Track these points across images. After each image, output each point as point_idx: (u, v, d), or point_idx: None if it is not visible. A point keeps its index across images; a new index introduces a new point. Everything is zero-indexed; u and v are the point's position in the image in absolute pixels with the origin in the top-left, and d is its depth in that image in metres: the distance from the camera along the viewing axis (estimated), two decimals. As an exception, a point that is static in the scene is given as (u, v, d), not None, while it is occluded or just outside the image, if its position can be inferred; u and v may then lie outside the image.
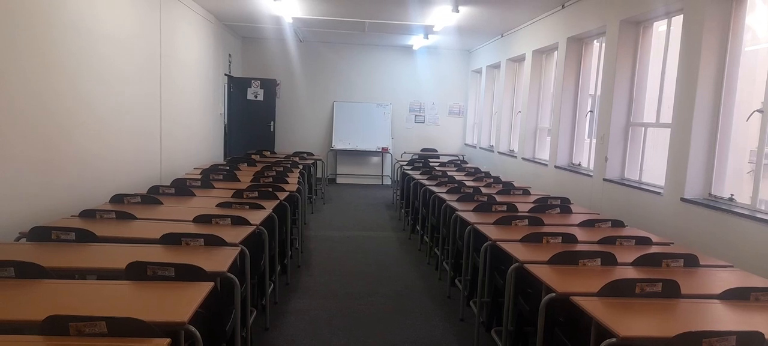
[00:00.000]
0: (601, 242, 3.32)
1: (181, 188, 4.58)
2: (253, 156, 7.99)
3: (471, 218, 3.94)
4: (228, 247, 2.83)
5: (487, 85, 10.32)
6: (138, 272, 2.31)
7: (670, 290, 2.37)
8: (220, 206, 3.93)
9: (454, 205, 4.50)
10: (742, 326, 2.07)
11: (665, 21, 5.02)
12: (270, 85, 10.32)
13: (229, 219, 3.40)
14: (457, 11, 7.08)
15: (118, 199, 3.95)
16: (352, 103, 11.20)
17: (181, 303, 2.01)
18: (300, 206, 5.38)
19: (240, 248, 2.85)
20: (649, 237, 3.43)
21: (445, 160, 8.92)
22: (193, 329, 1.89)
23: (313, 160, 8.52)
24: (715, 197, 4.20)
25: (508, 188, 5.75)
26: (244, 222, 3.39)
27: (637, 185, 5.16)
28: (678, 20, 4.71)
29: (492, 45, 9.90)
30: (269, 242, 3.62)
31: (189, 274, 2.30)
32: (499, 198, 4.72)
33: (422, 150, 11.02)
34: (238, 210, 3.80)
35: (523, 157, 8.07)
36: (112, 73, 4.70)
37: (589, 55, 6.56)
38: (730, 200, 4.07)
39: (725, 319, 2.17)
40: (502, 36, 9.25)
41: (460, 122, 11.68)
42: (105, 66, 4.56)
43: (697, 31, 4.22)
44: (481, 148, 10.45)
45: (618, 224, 3.92)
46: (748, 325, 2.09)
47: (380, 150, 11.19)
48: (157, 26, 5.82)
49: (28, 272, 2.26)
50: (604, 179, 5.57)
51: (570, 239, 3.29)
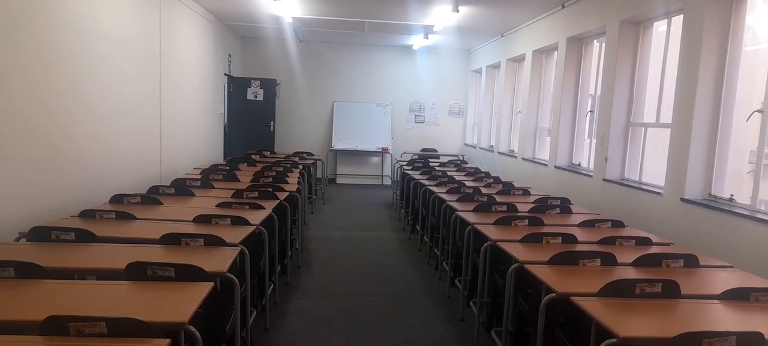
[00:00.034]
0: (601, 242, 3.32)
1: (181, 188, 4.58)
2: (253, 156, 7.99)
3: (471, 218, 3.94)
4: (228, 247, 2.83)
5: (487, 85, 10.32)
6: (138, 272, 2.31)
7: (670, 291, 2.37)
8: (219, 206, 3.93)
9: (454, 205, 4.50)
10: (742, 327, 2.07)
11: (665, 21, 5.02)
12: (270, 85, 10.32)
13: (229, 219, 3.40)
14: (457, 11, 7.08)
15: (118, 199, 3.95)
16: (351, 103, 11.20)
17: (181, 303, 2.01)
18: (300, 206, 5.38)
19: (240, 248, 2.85)
20: (649, 237, 3.43)
21: (445, 161, 8.91)
22: (193, 329, 1.89)
23: (313, 161, 8.52)
24: (715, 197, 4.20)
25: (508, 188, 5.75)
26: (244, 222, 3.39)
27: (637, 185, 5.16)
28: (678, 20, 4.71)
29: (492, 45, 9.90)
30: (269, 242, 3.62)
31: (189, 274, 2.30)
32: (499, 198, 4.72)
33: (422, 150, 11.02)
34: (238, 210, 3.80)
35: (523, 158, 8.07)
36: (112, 73, 4.70)
37: (589, 55, 6.56)
38: (730, 200, 4.07)
39: (725, 319, 2.17)
40: (502, 36, 9.25)
41: (460, 122, 11.68)
42: (105, 66, 4.56)
43: (697, 31, 4.22)
44: (481, 148, 10.44)
45: (618, 224, 3.92)
46: (748, 325, 2.09)
47: (380, 150, 11.19)
48: (157, 26, 5.82)
49: (28, 272, 2.26)
50: (604, 179, 5.57)
51: (570, 239, 3.29)
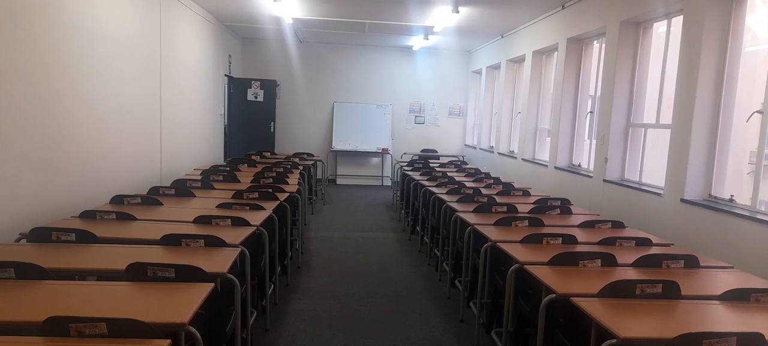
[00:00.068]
0: (601, 243, 3.32)
1: (181, 188, 4.58)
2: (253, 157, 7.99)
3: (471, 218, 3.94)
4: (228, 248, 2.82)
5: (487, 86, 10.32)
6: (138, 272, 2.31)
7: (671, 291, 2.37)
8: (220, 206, 3.93)
9: (454, 206, 4.50)
10: (743, 328, 2.07)
11: (665, 22, 5.03)
12: (270, 86, 10.32)
13: (230, 220, 3.40)
14: (457, 12, 7.08)
15: (119, 200, 3.95)
16: (352, 104, 11.20)
17: (182, 304, 2.01)
18: (300, 206, 5.38)
19: (240, 248, 2.85)
20: (649, 238, 3.43)
21: (445, 161, 8.91)
22: (193, 330, 1.89)
23: (313, 161, 8.52)
24: (715, 197, 4.20)
25: (508, 188, 5.75)
26: (245, 223, 3.39)
27: (637, 185, 5.16)
28: (678, 21, 4.72)
29: (492, 46, 9.90)
30: (269, 242, 3.62)
31: (189, 275, 2.30)
32: (499, 199, 4.72)
33: (422, 151, 11.03)
34: (239, 211, 3.80)
35: (523, 158, 8.07)
36: (112, 74, 4.71)
37: (589, 55, 6.57)
38: (730, 200, 4.07)
39: (725, 320, 2.17)
40: (502, 37, 9.25)
41: (460, 123, 11.68)
42: (105, 66, 4.57)
43: (697, 32, 4.22)
44: (481, 149, 10.44)
45: (618, 225, 3.92)
46: (749, 326, 2.09)
47: (380, 151, 11.19)
48: (157, 26, 5.82)
49: (29, 273, 2.26)
50: (604, 180, 5.57)
51: (570, 239, 3.29)
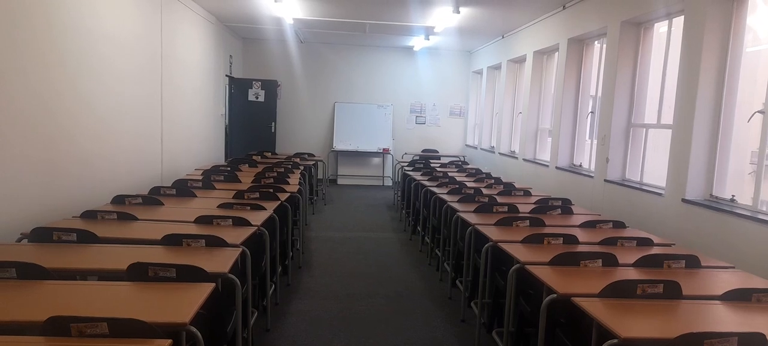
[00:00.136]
0: (602, 243, 3.32)
1: (182, 188, 4.59)
2: (254, 157, 7.99)
3: (472, 219, 3.94)
4: (229, 248, 2.82)
5: (488, 86, 10.32)
6: (139, 272, 2.31)
7: (672, 291, 2.36)
8: (221, 206, 3.93)
9: (455, 206, 4.50)
10: (744, 328, 2.07)
11: (666, 22, 5.03)
12: (271, 86, 10.33)
13: (231, 220, 3.40)
14: (458, 12, 7.08)
15: (120, 200, 3.96)
16: (352, 104, 11.20)
17: (183, 304, 2.01)
18: (301, 206, 5.38)
19: (241, 248, 2.85)
20: (650, 238, 3.42)
21: (446, 162, 8.91)
22: (194, 330, 1.89)
23: (314, 161, 8.52)
24: (717, 198, 4.20)
25: (509, 189, 5.75)
26: (246, 223, 3.39)
27: (638, 186, 5.16)
28: (679, 21, 4.71)
29: (493, 46, 9.90)
30: (270, 242, 3.62)
31: (190, 275, 2.30)
32: (500, 199, 4.72)
33: (423, 151, 11.02)
34: (239, 211, 3.80)
35: (524, 158, 8.07)
36: (112, 74, 4.71)
37: (590, 56, 6.56)
38: (732, 201, 4.07)
39: (727, 320, 2.17)
40: (503, 37, 9.25)
41: (461, 123, 11.68)
42: (105, 66, 4.57)
43: (698, 32, 4.22)
44: (482, 149, 10.44)
45: (619, 225, 3.92)
46: (750, 326, 2.09)
47: (381, 151, 11.20)
48: (158, 27, 5.83)
49: (30, 273, 2.26)
50: (605, 180, 5.56)
51: (571, 240, 3.29)
